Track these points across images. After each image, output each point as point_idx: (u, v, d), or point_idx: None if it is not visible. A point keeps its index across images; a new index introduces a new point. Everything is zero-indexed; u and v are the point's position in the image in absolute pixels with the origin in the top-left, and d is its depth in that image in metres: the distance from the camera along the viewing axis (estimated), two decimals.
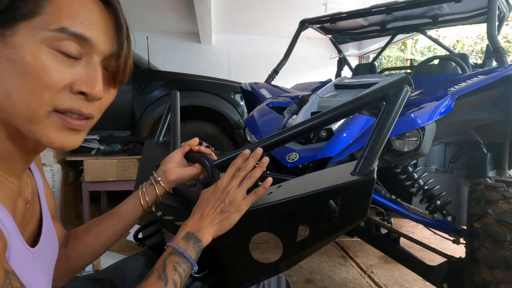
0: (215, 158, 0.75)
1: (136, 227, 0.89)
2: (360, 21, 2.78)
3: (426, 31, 2.94)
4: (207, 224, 0.62)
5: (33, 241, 0.56)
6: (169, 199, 0.79)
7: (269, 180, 0.65)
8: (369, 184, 0.58)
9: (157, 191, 0.73)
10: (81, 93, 0.47)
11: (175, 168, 0.74)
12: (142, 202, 0.72)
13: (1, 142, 0.48)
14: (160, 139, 1.06)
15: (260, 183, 1.50)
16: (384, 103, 0.61)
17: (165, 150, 0.93)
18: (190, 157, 0.77)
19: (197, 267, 0.60)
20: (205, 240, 0.61)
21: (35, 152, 0.54)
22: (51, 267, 0.59)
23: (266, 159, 0.67)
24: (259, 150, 0.68)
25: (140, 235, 0.89)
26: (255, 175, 0.66)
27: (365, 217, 0.61)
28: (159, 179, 0.73)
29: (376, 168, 0.59)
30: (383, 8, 2.41)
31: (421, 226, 1.52)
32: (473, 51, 7.87)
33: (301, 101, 1.86)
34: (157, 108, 3.30)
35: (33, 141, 0.50)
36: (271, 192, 0.69)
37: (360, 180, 0.59)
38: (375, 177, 0.58)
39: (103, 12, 0.48)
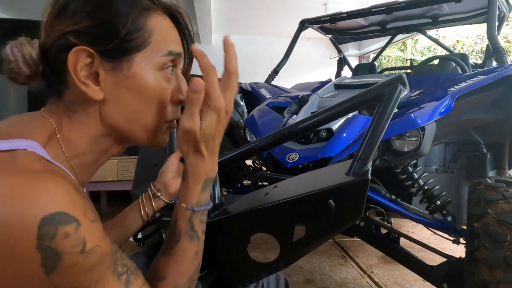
0: None
1: None
2: (360, 21, 2.78)
3: (426, 31, 2.94)
4: (216, 158, 0.53)
5: None
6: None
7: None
8: (363, 185, 0.58)
9: (158, 203, 0.73)
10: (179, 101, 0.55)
11: (174, 179, 0.74)
12: (142, 214, 0.72)
13: (103, 149, 0.53)
14: None
15: (263, 183, 1.48)
16: (379, 103, 0.61)
17: (161, 148, 0.93)
18: None
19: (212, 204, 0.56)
20: (215, 174, 0.54)
21: (112, 155, 0.57)
22: None
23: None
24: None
25: (139, 235, 0.89)
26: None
27: (360, 217, 0.61)
28: (159, 194, 0.73)
29: (370, 169, 0.59)
30: (383, 8, 2.41)
31: (421, 226, 1.52)
32: (473, 51, 7.88)
33: (301, 101, 1.86)
34: None
35: (143, 144, 0.56)
36: (268, 193, 0.69)
37: (354, 181, 0.58)
38: (370, 178, 0.58)
39: (173, 25, 0.54)
